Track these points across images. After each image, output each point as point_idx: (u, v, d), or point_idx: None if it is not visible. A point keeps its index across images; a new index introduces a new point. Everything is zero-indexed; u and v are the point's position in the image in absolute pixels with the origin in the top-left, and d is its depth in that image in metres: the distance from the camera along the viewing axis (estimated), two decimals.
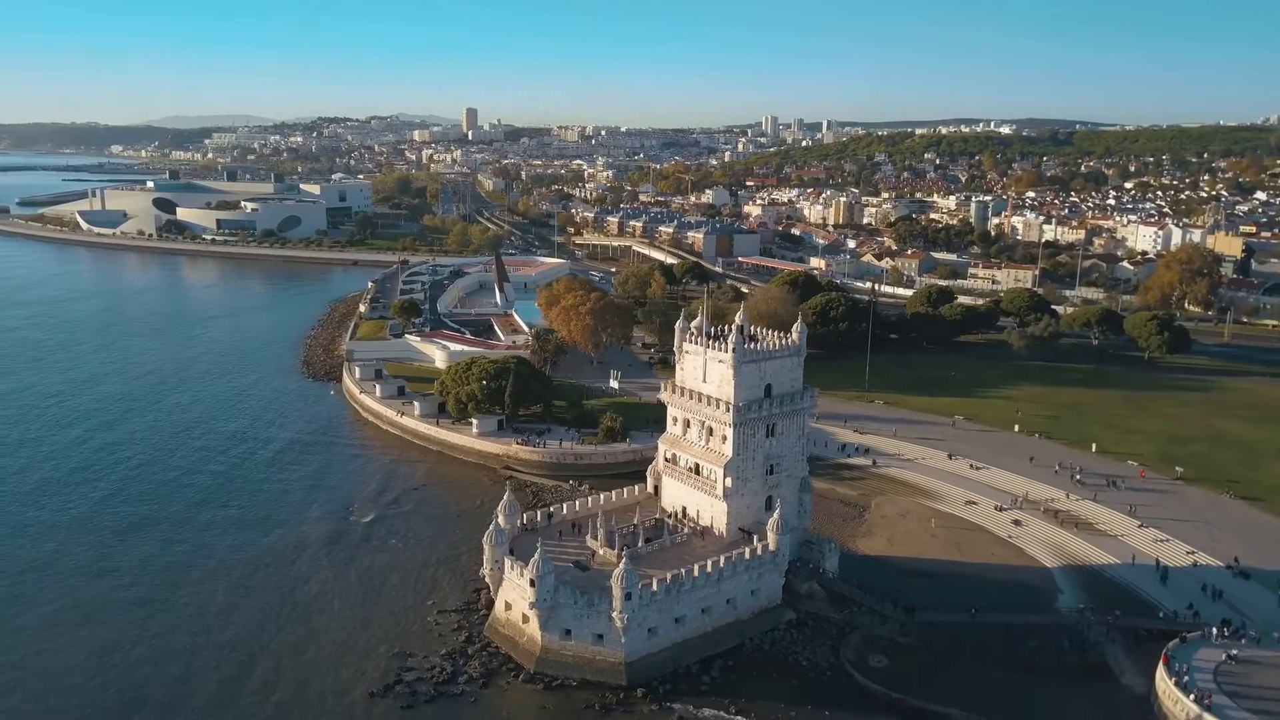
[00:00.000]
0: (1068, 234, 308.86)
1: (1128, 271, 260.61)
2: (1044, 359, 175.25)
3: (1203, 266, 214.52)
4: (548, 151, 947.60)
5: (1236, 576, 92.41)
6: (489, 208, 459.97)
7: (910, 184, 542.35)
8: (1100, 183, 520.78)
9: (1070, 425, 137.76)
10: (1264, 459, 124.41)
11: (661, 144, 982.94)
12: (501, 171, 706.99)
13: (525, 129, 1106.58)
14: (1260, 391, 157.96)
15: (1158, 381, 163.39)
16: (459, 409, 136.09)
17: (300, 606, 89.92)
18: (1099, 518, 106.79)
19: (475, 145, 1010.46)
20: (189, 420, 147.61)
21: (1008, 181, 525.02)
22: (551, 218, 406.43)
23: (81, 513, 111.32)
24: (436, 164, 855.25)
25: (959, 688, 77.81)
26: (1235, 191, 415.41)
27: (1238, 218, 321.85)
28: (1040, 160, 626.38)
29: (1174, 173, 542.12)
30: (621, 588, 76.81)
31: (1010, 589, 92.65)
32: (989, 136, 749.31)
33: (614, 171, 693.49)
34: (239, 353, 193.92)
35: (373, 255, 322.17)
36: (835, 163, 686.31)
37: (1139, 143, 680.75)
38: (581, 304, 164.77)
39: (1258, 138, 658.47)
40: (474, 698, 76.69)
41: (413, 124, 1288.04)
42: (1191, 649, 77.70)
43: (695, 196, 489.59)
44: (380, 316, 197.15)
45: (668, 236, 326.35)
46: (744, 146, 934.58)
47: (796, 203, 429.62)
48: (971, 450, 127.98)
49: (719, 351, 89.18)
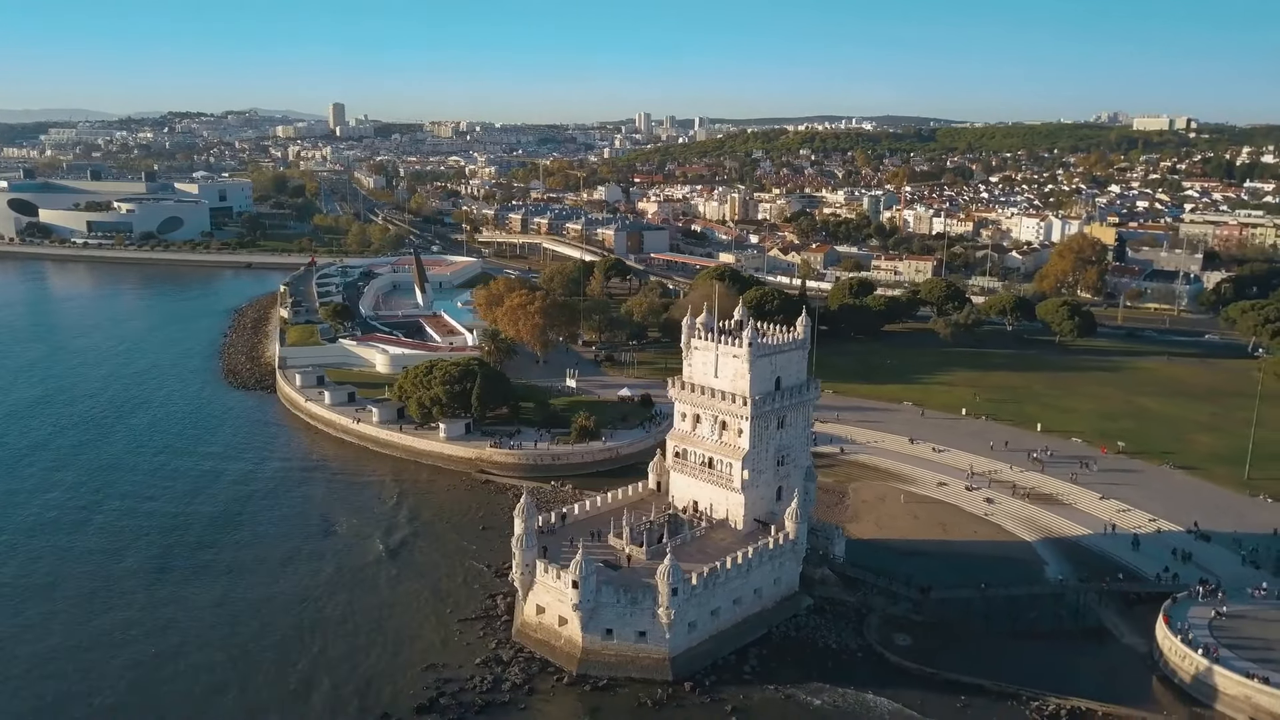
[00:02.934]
0: (956, 226, 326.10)
1: (1017, 261, 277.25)
2: (966, 345, 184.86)
3: (1092, 255, 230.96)
4: (422, 148, 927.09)
5: (1199, 540, 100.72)
6: (380, 206, 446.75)
7: (791, 180, 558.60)
8: (967, 177, 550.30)
9: (1011, 407, 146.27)
10: (1187, 431, 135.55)
11: (538, 140, 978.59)
12: (379, 168, 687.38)
13: (396, 125, 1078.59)
14: (1164, 370, 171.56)
15: (1074, 363, 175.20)
16: (422, 413, 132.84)
17: (316, 632, 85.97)
18: (1063, 492, 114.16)
19: (344, 142, 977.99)
20: (154, 443, 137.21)
21: (884, 177, 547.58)
22: (447, 216, 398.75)
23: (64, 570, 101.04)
24: (306, 161, 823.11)
25: (980, 659, 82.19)
26: (1092, 185, 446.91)
27: (1103, 209, 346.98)
28: (909, 156, 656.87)
29: (1031, 167, 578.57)
30: (668, 583, 77.39)
31: (1000, 563, 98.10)
32: (859, 133, 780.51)
33: (497, 168, 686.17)
34: (154, 365, 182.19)
35: (268, 257, 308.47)
36: (715, 159, 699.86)
37: (995, 139, 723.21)
38: (530, 303, 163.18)
39: (1099, 134, 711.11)
40: (523, 704, 75.78)
41: (273, 119, 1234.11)
42: (1184, 608, 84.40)
43: (587, 193, 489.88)
44: (307, 321, 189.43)
45: (576, 233, 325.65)
46: (620, 143, 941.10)
47: (691, 199, 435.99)
48: (928, 434, 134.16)
49: (732, 347, 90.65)
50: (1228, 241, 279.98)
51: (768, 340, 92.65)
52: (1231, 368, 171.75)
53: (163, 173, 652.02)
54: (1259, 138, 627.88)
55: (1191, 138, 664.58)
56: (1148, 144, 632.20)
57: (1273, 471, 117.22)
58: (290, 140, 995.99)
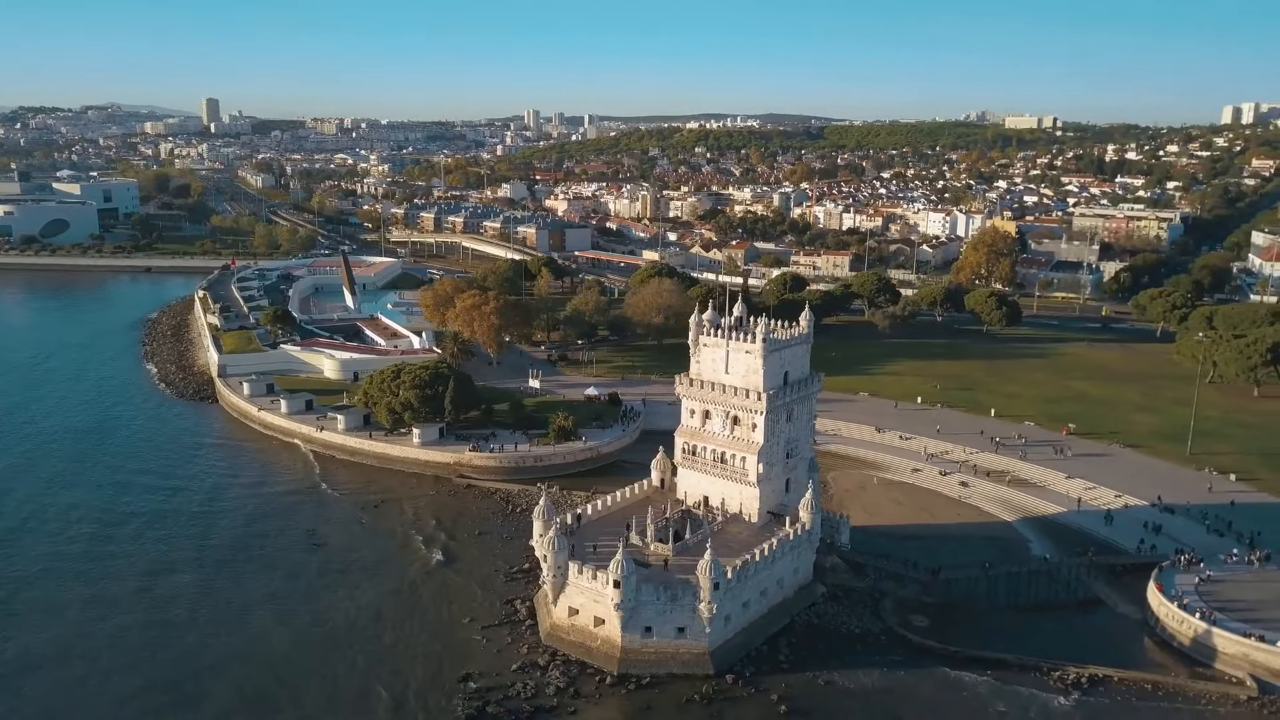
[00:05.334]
0: (866, 222, 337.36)
1: (928, 254, 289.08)
2: (903, 336, 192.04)
3: (1005, 248, 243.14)
4: (305, 145, 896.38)
5: (1164, 513, 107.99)
6: (279, 207, 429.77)
7: (691, 177, 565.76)
8: (860, 174, 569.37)
9: (961, 394, 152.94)
10: (1125, 412, 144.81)
11: (427, 137, 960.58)
12: (264, 167, 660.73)
13: (276, 121, 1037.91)
14: (1087, 355, 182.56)
15: (1004, 351, 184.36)
16: (393, 419, 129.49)
17: (337, 652, 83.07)
18: (1032, 474, 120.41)
19: (220, 139, 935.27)
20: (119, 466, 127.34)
21: (782, 174, 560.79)
22: (351, 216, 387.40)
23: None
24: (182, 160, 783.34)
25: (994, 634, 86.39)
26: (980, 181, 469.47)
27: (998, 204, 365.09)
28: (801, 154, 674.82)
29: (918, 164, 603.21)
30: (709, 578, 78.29)
31: (989, 543, 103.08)
32: (751, 131, 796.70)
33: (390, 165, 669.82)
34: (82, 377, 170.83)
35: (169, 261, 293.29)
36: (613, 157, 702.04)
37: (881, 136, 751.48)
38: (484, 303, 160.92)
39: (976, 132, 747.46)
40: (571, 707, 75.37)
41: (138, 115, 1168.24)
42: (1170, 576, 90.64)
43: (492, 190, 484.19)
44: (240, 327, 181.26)
45: (495, 231, 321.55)
46: (512, 140, 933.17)
47: (601, 196, 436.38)
48: (891, 423, 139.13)
49: (744, 343, 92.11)
50: (1117, 234, 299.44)
51: (777, 336, 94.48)
52: (1146, 351, 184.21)
53: (22, 171, 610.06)
54: (1117, 135, 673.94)
55: (1059, 135, 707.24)
56: (1021, 141, 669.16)
57: (1210, 447, 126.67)
58: (161, 137, 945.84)
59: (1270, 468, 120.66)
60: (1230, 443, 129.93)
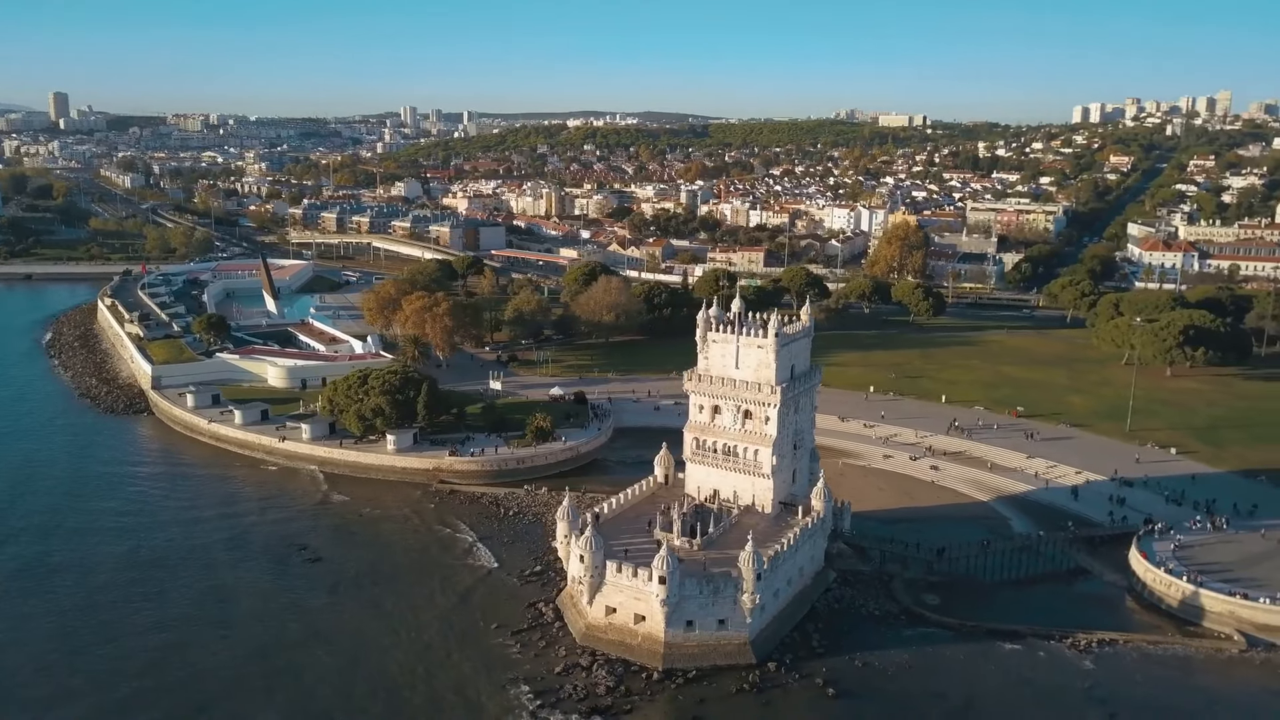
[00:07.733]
0: (771, 218, 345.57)
1: (836, 248, 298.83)
2: (837, 328, 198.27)
3: (916, 241, 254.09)
4: (168, 143, 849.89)
5: (1123, 486, 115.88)
6: (162, 208, 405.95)
7: (583, 174, 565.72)
8: (749, 171, 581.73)
9: (907, 382, 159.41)
10: (1060, 394, 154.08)
11: (301, 134, 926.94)
12: (129, 165, 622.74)
13: (134, 118, 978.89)
14: (1010, 341, 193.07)
15: (932, 340, 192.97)
16: (364, 426, 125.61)
17: (373, 671, 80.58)
18: (997, 456, 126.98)
19: (72, 135, 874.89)
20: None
21: (674, 172, 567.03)
22: (241, 217, 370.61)
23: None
24: (31, 158, 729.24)
25: (1002, 608, 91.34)
26: (867, 177, 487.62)
27: (893, 199, 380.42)
28: (689, 151, 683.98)
29: (803, 161, 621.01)
30: (753, 569, 79.80)
31: (972, 522, 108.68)
32: (638, 130, 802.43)
33: (268, 164, 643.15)
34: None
35: (52, 267, 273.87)
36: (501, 154, 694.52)
37: (764, 134, 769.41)
38: (435, 305, 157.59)
39: (854, 130, 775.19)
40: (627, 705, 75.56)
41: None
42: (1149, 544, 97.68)
43: (384, 189, 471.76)
44: (166, 335, 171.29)
45: (405, 231, 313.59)
46: (391, 137, 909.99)
47: (501, 194, 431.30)
48: (851, 412, 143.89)
49: (755, 338, 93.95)
50: (1009, 226, 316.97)
51: (785, 331, 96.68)
52: (1062, 336, 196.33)
53: None
54: (983, 133, 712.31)
55: (929, 134, 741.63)
56: (896, 139, 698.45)
57: (1146, 424, 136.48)
58: (4, 134, 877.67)
59: (1201, 440, 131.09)
60: (1159, 419, 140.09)
